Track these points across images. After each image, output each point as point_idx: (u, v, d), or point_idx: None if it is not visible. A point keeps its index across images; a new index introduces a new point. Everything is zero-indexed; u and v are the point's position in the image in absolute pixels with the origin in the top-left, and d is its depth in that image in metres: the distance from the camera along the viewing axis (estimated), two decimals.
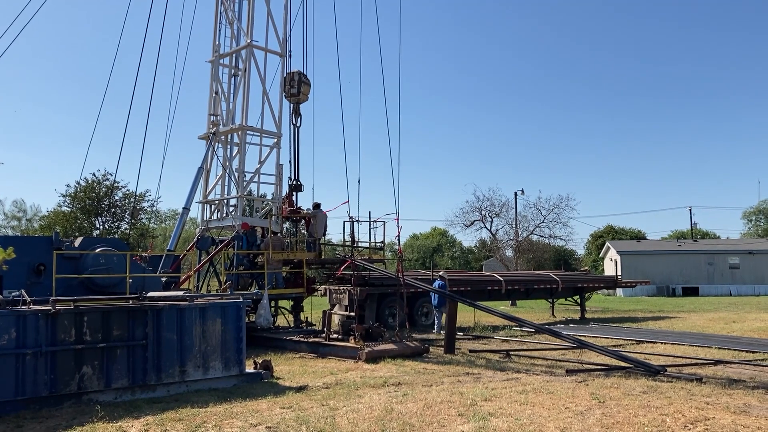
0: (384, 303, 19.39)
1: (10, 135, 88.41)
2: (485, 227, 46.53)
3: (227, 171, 19.56)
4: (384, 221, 19.78)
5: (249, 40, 19.18)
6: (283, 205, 19.51)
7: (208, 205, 20.01)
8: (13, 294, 9.35)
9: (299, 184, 19.75)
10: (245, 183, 19.32)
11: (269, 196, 21.56)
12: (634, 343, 15.43)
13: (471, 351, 14.21)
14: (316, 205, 19.66)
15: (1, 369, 8.12)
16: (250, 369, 10.70)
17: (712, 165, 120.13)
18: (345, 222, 19.33)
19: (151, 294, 10.32)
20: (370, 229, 19.73)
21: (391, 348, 13.23)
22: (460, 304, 15.43)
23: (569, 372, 11.05)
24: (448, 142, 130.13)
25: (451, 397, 8.64)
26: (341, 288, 18.94)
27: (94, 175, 39.00)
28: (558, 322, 23.31)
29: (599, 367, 11.53)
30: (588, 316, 25.70)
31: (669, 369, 11.00)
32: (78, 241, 15.19)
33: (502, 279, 23.25)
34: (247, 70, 19.11)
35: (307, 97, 19.72)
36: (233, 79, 20.45)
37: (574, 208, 53.39)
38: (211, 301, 10.40)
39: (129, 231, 37.93)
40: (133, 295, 10.34)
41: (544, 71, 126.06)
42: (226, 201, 19.75)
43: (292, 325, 18.21)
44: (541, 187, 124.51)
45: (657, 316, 25.85)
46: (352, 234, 19.34)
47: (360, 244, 20.21)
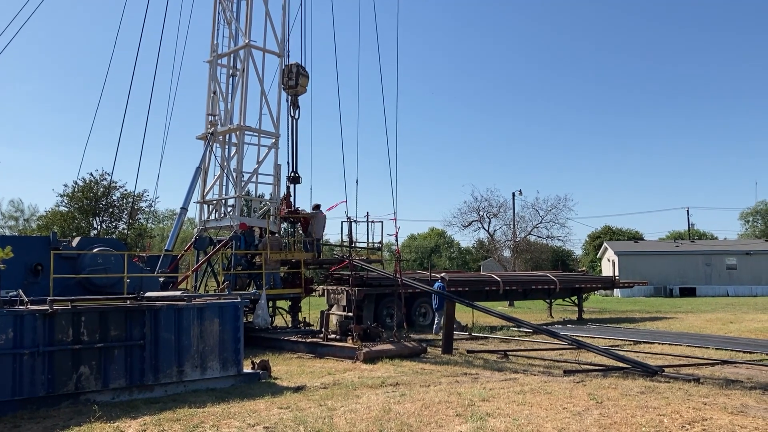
0: (382, 303, 19.40)
1: (7, 134, 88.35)
2: (483, 228, 46.50)
3: (225, 171, 19.54)
4: (382, 221, 19.80)
5: (247, 40, 19.16)
6: (282, 206, 19.50)
7: (206, 205, 19.99)
8: (10, 294, 9.31)
9: (297, 176, 19.74)
10: (243, 183, 19.30)
11: (267, 197, 21.52)
12: (631, 344, 15.45)
13: (469, 351, 14.21)
14: (316, 207, 19.65)
15: None
16: (247, 369, 10.69)
17: (709, 166, 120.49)
18: (343, 222, 19.33)
19: (148, 294, 10.30)
20: (368, 229, 19.75)
21: (388, 348, 13.23)
22: (458, 304, 15.44)
23: (567, 372, 11.06)
24: (447, 142, 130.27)
25: (448, 397, 8.65)
26: (339, 288, 18.97)
27: (92, 175, 38.96)
28: (555, 322, 23.33)
29: (597, 367, 11.55)
30: (585, 316, 25.73)
31: (666, 369, 11.01)
32: (76, 241, 15.16)
33: (499, 279, 23.27)
34: (245, 70, 19.09)
35: (306, 89, 19.67)
36: (231, 79, 20.44)
37: (572, 208, 53.36)
38: (208, 301, 10.39)
39: (127, 231, 37.85)
40: (130, 295, 10.33)
41: (542, 71, 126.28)
42: (224, 201, 19.73)
43: (290, 325, 18.19)
44: (538, 188, 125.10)
45: (654, 317, 25.88)
46: (350, 234, 19.35)
47: (358, 245, 20.20)
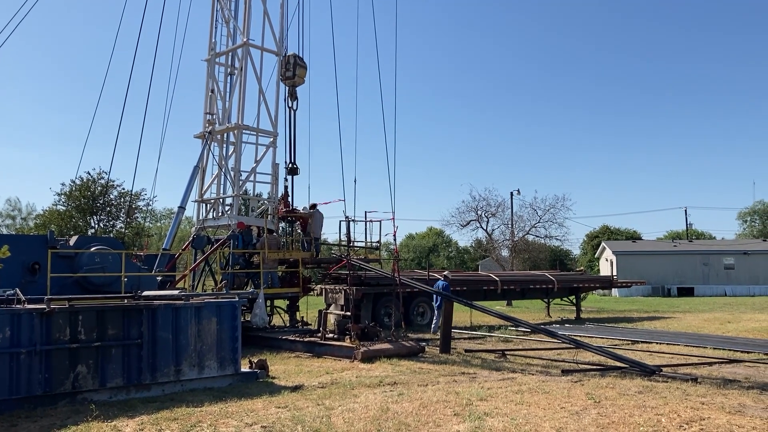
0: (380, 303, 19.39)
1: (5, 133, 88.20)
2: (481, 227, 46.52)
3: (223, 170, 19.52)
4: (380, 220, 19.79)
5: (245, 39, 19.14)
6: (279, 206, 19.47)
7: (204, 204, 19.97)
8: (7, 293, 9.29)
9: (295, 167, 19.71)
10: (241, 182, 19.29)
11: (265, 196, 21.51)
12: (629, 343, 15.46)
13: (467, 351, 14.20)
14: (313, 206, 19.63)
15: None
16: (245, 368, 10.67)
17: (707, 166, 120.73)
18: (341, 222, 19.32)
19: (146, 293, 10.29)
20: (366, 228, 19.74)
21: (386, 347, 13.21)
22: (456, 303, 15.43)
23: (565, 372, 11.06)
24: (445, 141, 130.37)
25: (446, 396, 8.64)
26: (337, 287, 18.95)
27: (89, 174, 38.92)
28: (553, 322, 23.35)
29: (595, 367, 11.55)
30: (583, 316, 25.75)
31: (664, 369, 11.02)
32: (73, 240, 15.15)
33: (498, 279, 23.29)
34: (243, 68, 19.07)
35: (303, 80, 19.60)
36: (229, 77, 20.42)
37: (570, 208, 53.33)
38: (206, 300, 10.37)
39: (124, 230, 37.80)
40: (128, 294, 10.31)
41: (540, 71, 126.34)
42: (221, 200, 19.71)
43: (288, 324, 18.17)
44: (537, 188, 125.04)
45: (652, 317, 25.91)
46: (348, 233, 19.33)
47: (356, 244, 20.18)
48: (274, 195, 19.79)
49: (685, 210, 70.34)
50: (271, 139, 19.60)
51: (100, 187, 38.41)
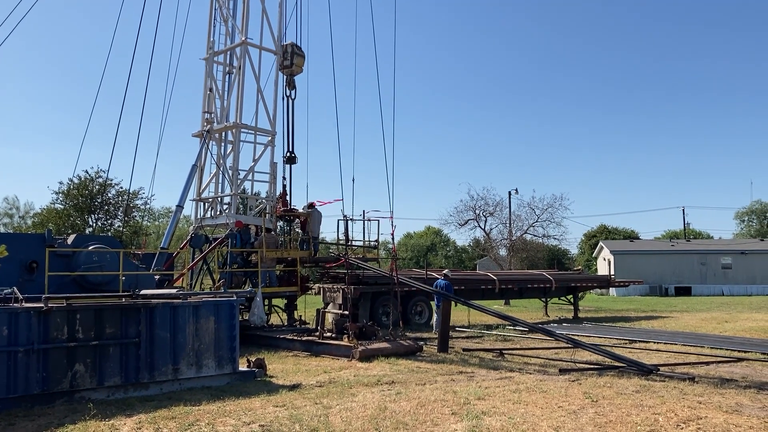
0: (378, 302, 19.39)
1: (3, 131, 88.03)
2: (479, 226, 46.47)
3: (221, 169, 19.50)
4: (378, 219, 19.79)
5: (243, 38, 19.12)
6: (278, 204, 19.47)
7: (202, 203, 19.95)
8: (5, 291, 9.28)
9: (293, 156, 19.70)
10: (239, 181, 19.27)
11: (263, 194, 21.50)
12: (627, 343, 15.49)
13: (464, 350, 14.22)
14: (311, 205, 19.62)
15: None
16: (243, 367, 10.68)
17: (705, 165, 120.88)
18: (339, 221, 19.31)
19: (144, 292, 10.29)
20: (364, 227, 19.75)
21: (384, 346, 13.22)
22: (454, 302, 15.44)
23: (562, 371, 11.08)
24: (444, 140, 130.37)
25: (444, 395, 8.65)
26: (335, 286, 18.96)
27: (87, 173, 38.90)
28: (551, 321, 23.38)
29: (592, 366, 11.57)
30: (581, 315, 25.78)
31: (662, 368, 11.04)
32: (71, 239, 15.12)
33: (495, 278, 23.31)
34: (241, 67, 19.05)
35: (301, 69, 19.62)
36: (228, 76, 20.40)
37: (568, 207, 53.52)
38: (204, 299, 10.37)
39: (122, 228, 37.77)
40: (126, 293, 10.30)
41: (539, 70, 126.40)
42: (219, 199, 19.69)
43: (286, 323, 18.18)
44: (535, 187, 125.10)
45: (650, 316, 25.95)
46: (346, 232, 19.33)
47: (354, 243, 20.19)
48: (272, 194, 19.77)
49: (683, 209, 70.68)
50: (270, 137, 19.59)
51: (98, 186, 38.39)
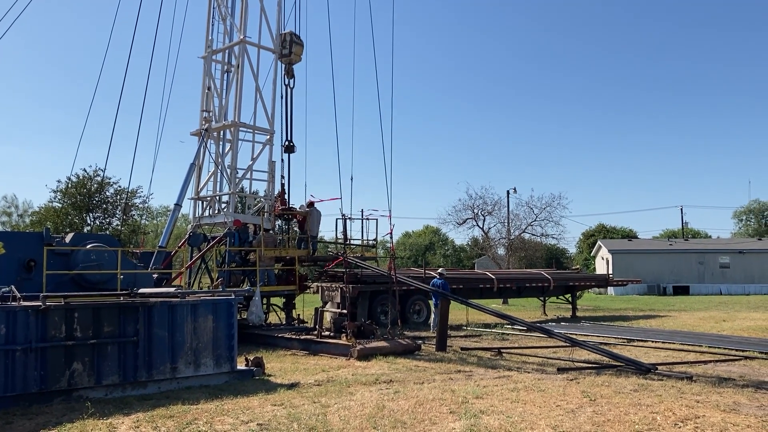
0: (376, 300, 19.40)
1: (2, 130, 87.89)
2: (477, 225, 46.48)
3: (219, 167, 19.48)
4: (377, 218, 19.78)
5: (242, 37, 19.10)
6: (276, 204, 19.45)
7: (200, 202, 19.93)
8: (3, 290, 9.26)
9: (292, 145, 19.69)
10: (237, 180, 19.26)
11: (262, 193, 21.50)
12: (625, 342, 15.50)
13: (463, 349, 14.22)
14: (310, 204, 19.62)
15: None
16: (241, 366, 10.67)
17: (703, 165, 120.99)
18: (337, 219, 19.30)
19: (142, 290, 10.27)
20: (362, 226, 19.74)
21: (382, 345, 13.23)
22: (452, 301, 15.44)
23: (560, 370, 11.09)
24: (442, 139, 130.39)
25: (442, 394, 8.65)
26: (333, 285, 18.94)
27: (86, 171, 38.82)
28: (549, 320, 23.39)
29: (590, 365, 11.58)
30: (579, 314, 25.79)
31: (660, 367, 11.06)
32: (69, 237, 15.11)
33: (494, 277, 23.31)
34: (240, 66, 19.02)
35: (300, 57, 19.61)
36: (226, 75, 20.37)
37: (566, 206, 53.30)
38: (202, 298, 10.36)
39: (120, 227, 37.72)
40: (124, 292, 10.29)
41: (538, 69, 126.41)
42: (218, 198, 19.68)
43: (284, 322, 18.18)
44: (533, 186, 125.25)
45: (648, 315, 25.98)
46: (345, 231, 19.32)
47: (352, 242, 20.19)
48: (270, 192, 19.76)
49: (681, 209, 70.25)
50: (268, 136, 19.57)
51: (96, 185, 38.32)
